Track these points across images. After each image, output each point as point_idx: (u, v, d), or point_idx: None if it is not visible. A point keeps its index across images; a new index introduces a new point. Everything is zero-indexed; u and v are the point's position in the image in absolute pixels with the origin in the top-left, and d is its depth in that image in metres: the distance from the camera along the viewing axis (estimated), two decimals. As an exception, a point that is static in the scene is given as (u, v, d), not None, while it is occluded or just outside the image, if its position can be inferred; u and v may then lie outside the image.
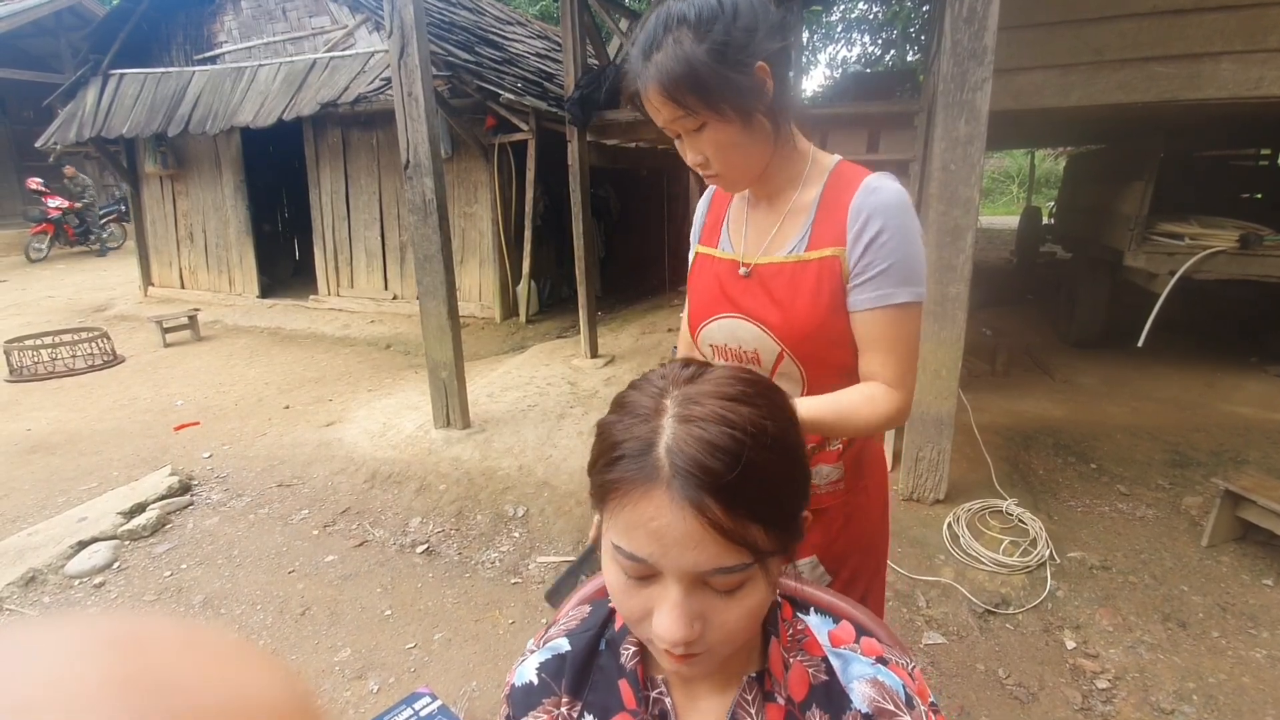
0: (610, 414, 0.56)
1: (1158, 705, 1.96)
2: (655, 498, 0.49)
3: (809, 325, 0.95)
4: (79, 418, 4.55)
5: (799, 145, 0.99)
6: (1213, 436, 3.50)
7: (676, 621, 0.50)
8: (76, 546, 2.83)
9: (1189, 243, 4.16)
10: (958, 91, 2.52)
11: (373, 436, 3.82)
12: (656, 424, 0.51)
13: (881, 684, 0.58)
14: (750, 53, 0.86)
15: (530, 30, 8.96)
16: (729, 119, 0.88)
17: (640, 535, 0.50)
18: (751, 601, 0.52)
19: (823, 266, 0.94)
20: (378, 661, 2.23)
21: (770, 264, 0.99)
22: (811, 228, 0.96)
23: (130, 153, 8.27)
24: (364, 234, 7.17)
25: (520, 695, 0.64)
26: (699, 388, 0.53)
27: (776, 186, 1.00)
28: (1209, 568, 2.55)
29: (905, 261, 0.91)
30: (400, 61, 3.29)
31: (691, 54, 0.85)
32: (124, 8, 7.43)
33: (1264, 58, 3.29)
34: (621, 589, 0.53)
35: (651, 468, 0.49)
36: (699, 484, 0.48)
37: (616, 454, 0.51)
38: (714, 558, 0.49)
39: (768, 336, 0.98)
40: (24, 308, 8.20)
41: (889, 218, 0.91)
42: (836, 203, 0.94)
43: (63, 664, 0.20)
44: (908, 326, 0.94)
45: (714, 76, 0.85)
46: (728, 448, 0.48)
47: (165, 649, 0.22)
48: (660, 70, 0.86)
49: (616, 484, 0.51)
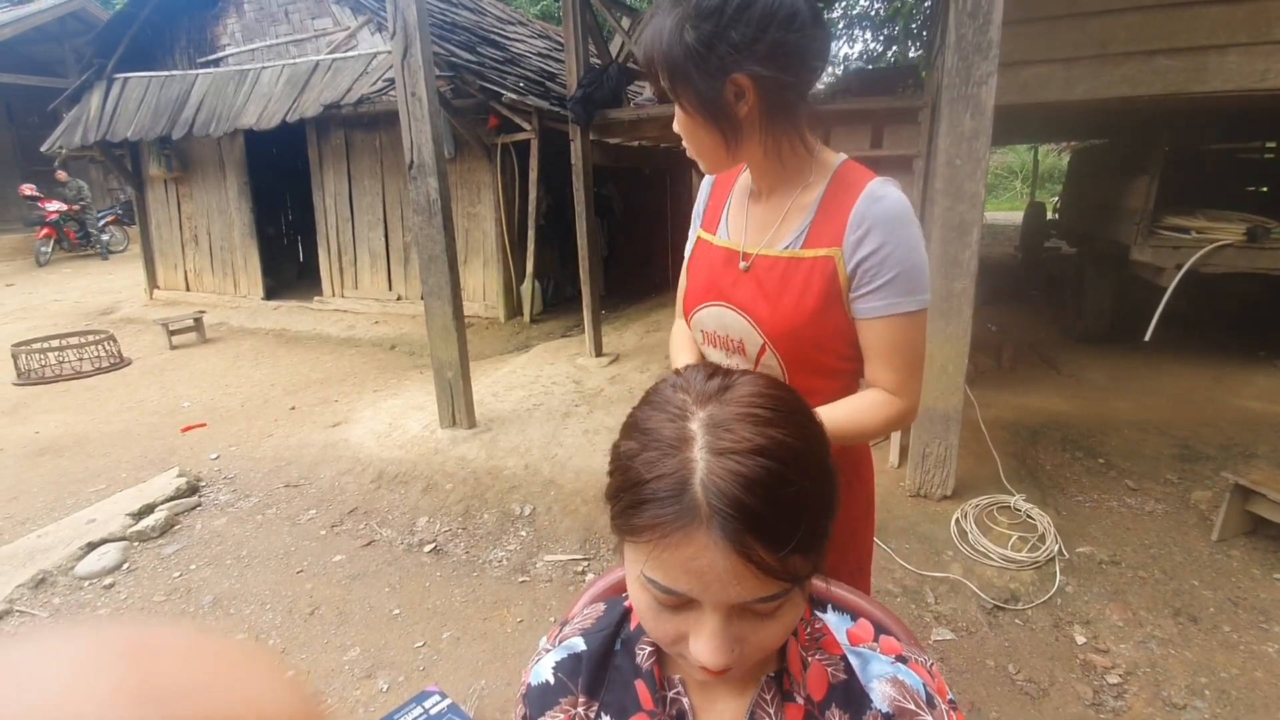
0: (630, 439, 0.53)
1: (1170, 700, 1.95)
2: (696, 540, 0.47)
3: (793, 321, 0.96)
4: (87, 420, 4.56)
5: (805, 143, 0.97)
6: (1221, 430, 3.48)
7: (717, 650, 0.49)
8: (86, 548, 2.84)
9: (1195, 236, 4.14)
10: (962, 86, 2.51)
11: (379, 437, 3.83)
12: (686, 456, 0.48)
13: (902, 683, 0.57)
14: (726, 66, 0.84)
15: (531, 30, 8.95)
16: (687, 111, 0.89)
17: (677, 573, 0.48)
18: (788, 619, 0.52)
19: (815, 265, 0.94)
20: (386, 660, 2.24)
21: (765, 257, 0.99)
22: (810, 226, 0.96)
23: (135, 156, 8.30)
24: (368, 235, 7.18)
25: (537, 695, 0.64)
26: (726, 409, 0.50)
27: (777, 182, 0.99)
28: (1219, 562, 2.54)
29: (909, 271, 0.92)
30: (404, 62, 3.29)
31: (670, 41, 0.85)
32: (128, 12, 7.45)
33: (1270, 50, 3.26)
34: (653, 614, 0.52)
35: (689, 510, 0.47)
36: (739, 524, 0.46)
37: (646, 494, 0.49)
38: (755, 590, 0.48)
39: (752, 328, 0.99)
40: (31, 311, 8.24)
41: (892, 229, 0.91)
42: (838, 205, 0.94)
43: (72, 674, 0.20)
44: (913, 334, 0.95)
45: (679, 71, 0.85)
46: (766, 481, 0.47)
47: (174, 658, 0.23)
48: (644, 38, 0.89)
49: (651, 528, 0.48)
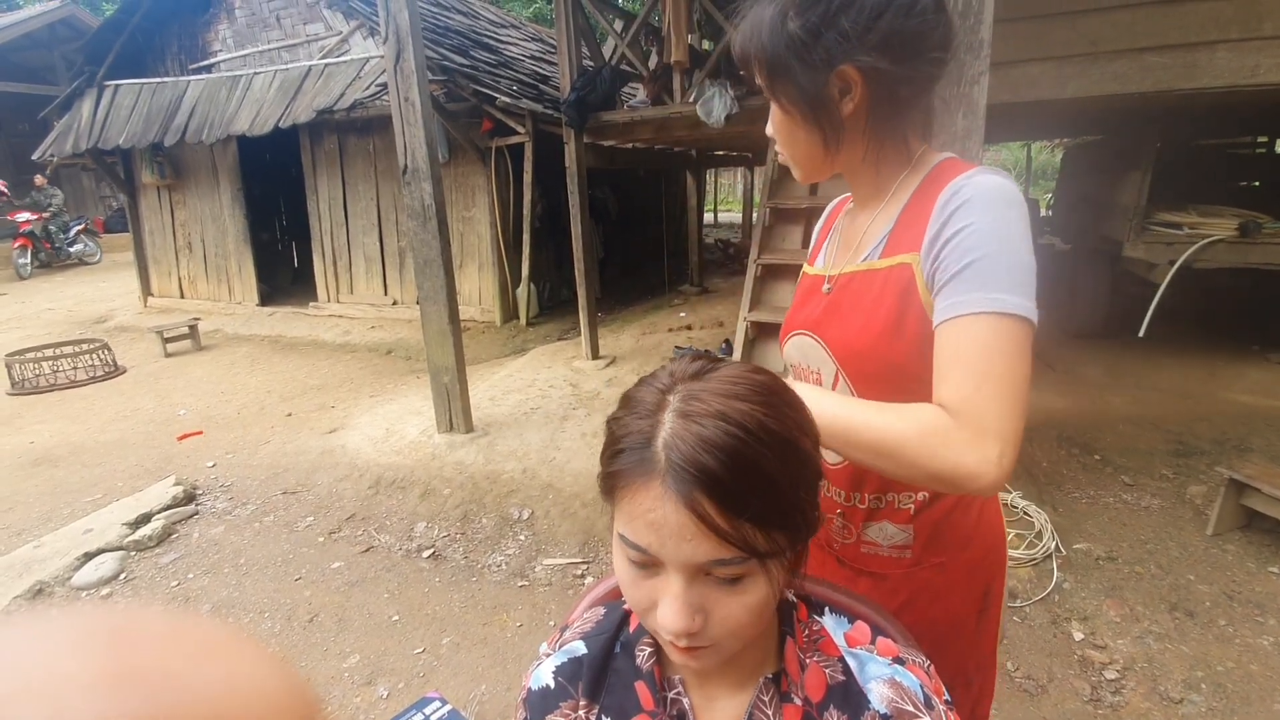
0: (618, 409, 0.57)
1: (1166, 695, 1.96)
2: (652, 490, 0.50)
3: (861, 340, 0.81)
4: (82, 429, 4.55)
5: (908, 147, 0.84)
6: (1216, 425, 3.50)
7: (678, 613, 0.51)
8: (83, 558, 2.83)
9: (1188, 232, 4.16)
10: (954, 86, 2.51)
11: (376, 442, 3.82)
12: (657, 419, 0.52)
13: (900, 684, 0.58)
14: (833, 58, 0.74)
15: (524, 33, 8.96)
16: (787, 110, 0.80)
17: (639, 525, 0.51)
18: (752, 597, 0.52)
19: (890, 276, 0.80)
20: (386, 667, 2.23)
21: (843, 274, 0.88)
22: (890, 232, 0.82)
23: (127, 163, 8.28)
24: (362, 240, 7.17)
25: (537, 699, 0.64)
26: (703, 384, 0.53)
27: (870, 191, 0.87)
28: (1215, 556, 2.55)
29: (990, 260, 0.71)
30: (396, 67, 3.29)
31: (770, 33, 0.76)
32: (118, 19, 7.44)
33: (1260, 45, 3.28)
34: (629, 579, 0.55)
35: (649, 461, 0.50)
36: (692, 480, 0.48)
37: (619, 447, 0.53)
38: (710, 551, 0.50)
39: (826, 354, 0.87)
40: (24, 320, 8.21)
41: (978, 209, 0.73)
42: (923, 205, 0.78)
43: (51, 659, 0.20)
44: (988, 341, 0.69)
45: (781, 65, 0.77)
46: (723, 444, 0.48)
47: (155, 641, 0.22)
48: (742, 31, 0.80)
49: (617, 476, 0.52)
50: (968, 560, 0.88)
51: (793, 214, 4.17)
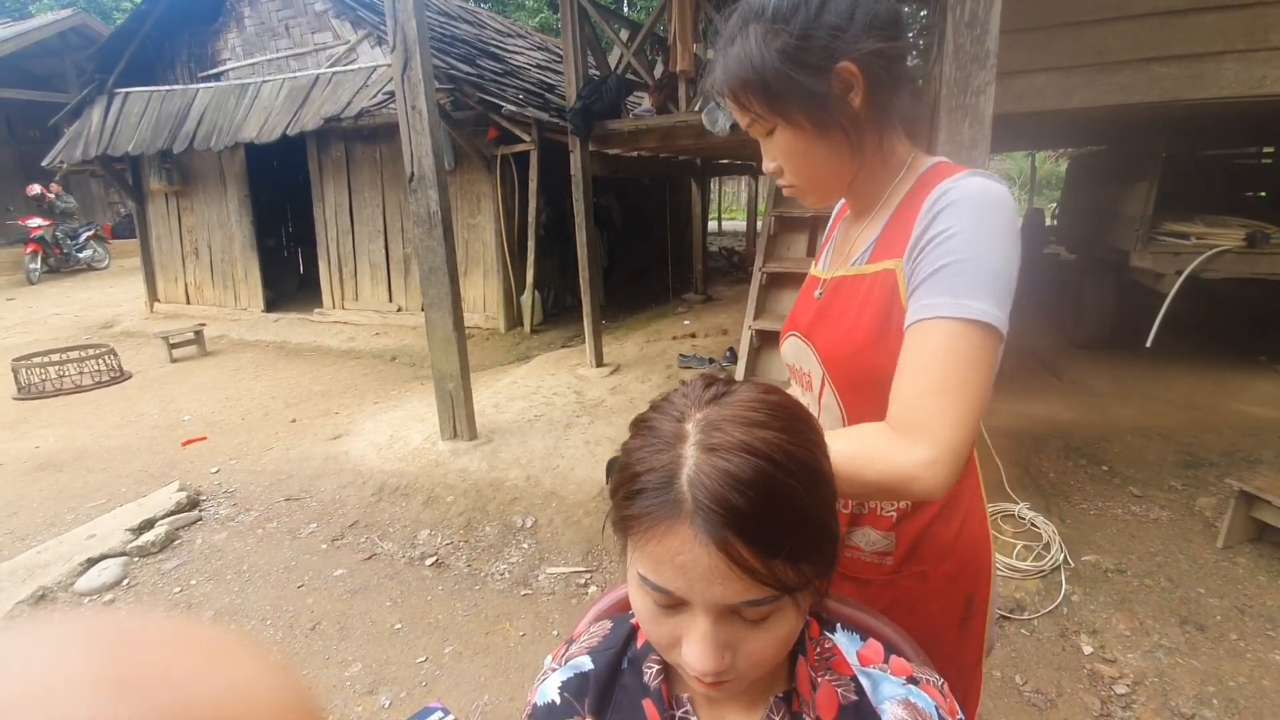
0: (632, 439, 0.54)
1: (1178, 710, 1.93)
2: (680, 533, 0.47)
3: (845, 348, 0.82)
4: (87, 434, 4.56)
5: (899, 149, 0.85)
6: (1224, 436, 3.47)
7: (706, 653, 0.49)
8: (86, 564, 2.82)
9: (1195, 242, 4.14)
10: (960, 95, 2.52)
11: (380, 449, 3.82)
12: (678, 452, 0.49)
13: (914, 705, 0.57)
14: (832, 53, 0.74)
15: (530, 42, 9.02)
16: (800, 126, 0.78)
17: (666, 569, 0.49)
18: (781, 631, 0.51)
19: (875, 281, 0.80)
20: (389, 676, 2.22)
21: (833, 279, 0.89)
22: (878, 238, 0.83)
23: (135, 170, 8.34)
24: (368, 247, 7.20)
25: (543, 715, 0.63)
26: (721, 411, 0.51)
27: (867, 198, 0.88)
28: (1225, 569, 2.52)
29: (963, 265, 0.70)
30: (404, 75, 3.31)
31: (759, 53, 0.75)
32: (129, 27, 7.51)
33: (1267, 56, 3.28)
34: (650, 616, 0.53)
35: (675, 502, 0.48)
36: (723, 521, 0.46)
37: (638, 486, 0.50)
38: (741, 592, 0.48)
39: (814, 358, 0.88)
40: (31, 325, 8.25)
41: (961, 213, 0.72)
42: (911, 209, 0.79)
43: (51, 663, 0.20)
44: (948, 347, 0.69)
45: (781, 79, 0.75)
46: (751, 480, 0.46)
47: (158, 647, 0.23)
48: (727, 70, 0.78)
49: (640, 518, 0.49)
50: (948, 570, 0.89)
51: (797, 222, 4.17)
